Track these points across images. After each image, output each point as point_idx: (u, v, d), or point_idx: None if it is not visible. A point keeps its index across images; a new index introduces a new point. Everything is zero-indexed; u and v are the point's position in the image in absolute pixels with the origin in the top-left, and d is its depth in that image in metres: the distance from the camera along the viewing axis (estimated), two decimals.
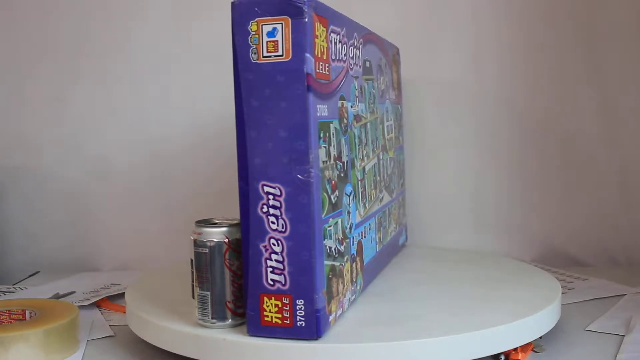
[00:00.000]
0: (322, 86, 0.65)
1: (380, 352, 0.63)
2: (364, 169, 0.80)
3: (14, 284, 1.11)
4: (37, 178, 1.21)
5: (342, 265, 0.69)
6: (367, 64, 0.84)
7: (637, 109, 1.12)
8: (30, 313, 0.79)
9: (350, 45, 0.75)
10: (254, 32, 0.62)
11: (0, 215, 1.21)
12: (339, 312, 0.69)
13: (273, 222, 0.63)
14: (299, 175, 0.62)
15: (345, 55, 0.73)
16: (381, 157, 0.89)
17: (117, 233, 1.20)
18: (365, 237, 0.79)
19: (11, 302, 0.83)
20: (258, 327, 0.65)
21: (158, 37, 1.17)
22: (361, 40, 0.80)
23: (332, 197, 0.67)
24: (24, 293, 1.04)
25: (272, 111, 0.62)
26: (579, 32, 1.13)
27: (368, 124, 0.82)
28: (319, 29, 0.64)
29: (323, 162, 0.64)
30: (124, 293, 0.88)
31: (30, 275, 1.17)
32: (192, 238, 0.70)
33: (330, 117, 0.67)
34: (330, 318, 0.66)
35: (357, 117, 0.77)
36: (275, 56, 0.62)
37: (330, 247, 0.66)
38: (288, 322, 0.64)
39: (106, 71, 1.19)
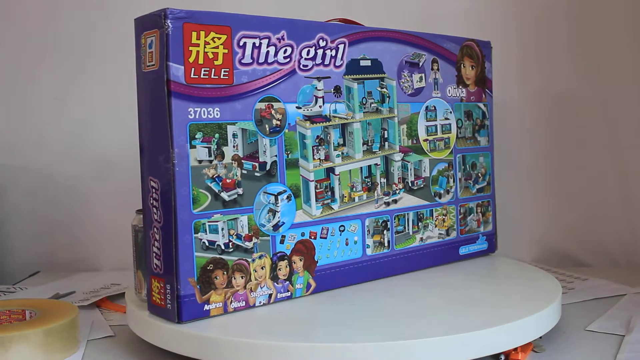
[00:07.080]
0: (203, 90, 0.70)
1: (227, 348, 0.65)
2: (331, 169, 0.81)
3: (14, 284, 1.11)
4: (37, 178, 1.21)
5: (244, 260, 0.73)
6: (366, 63, 0.84)
7: (637, 109, 1.12)
8: (30, 313, 0.79)
9: (307, 47, 0.78)
10: (143, 45, 0.70)
11: (0, 215, 1.21)
12: (237, 304, 0.73)
13: (155, 213, 0.71)
14: (164, 172, 0.69)
15: (286, 57, 0.76)
16: (397, 159, 0.88)
17: (117, 233, 1.19)
18: (325, 238, 0.80)
19: (11, 302, 0.83)
20: (151, 305, 0.73)
21: None
22: (343, 39, 0.81)
23: (223, 194, 0.72)
24: (24, 293, 1.04)
25: (151, 114, 0.70)
26: (580, 32, 1.13)
27: (355, 124, 0.83)
28: (206, 37, 0.70)
29: (200, 161, 0.70)
30: (124, 293, 0.88)
31: (30, 275, 1.17)
32: (131, 224, 0.81)
33: (227, 118, 0.72)
34: (209, 307, 0.71)
35: (316, 118, 0.79)
36: (151, 65, 0.69)
37: (210, 241, 0.71)
38: (163, 303, 0.71)
39: (106, 71, 1.19)
